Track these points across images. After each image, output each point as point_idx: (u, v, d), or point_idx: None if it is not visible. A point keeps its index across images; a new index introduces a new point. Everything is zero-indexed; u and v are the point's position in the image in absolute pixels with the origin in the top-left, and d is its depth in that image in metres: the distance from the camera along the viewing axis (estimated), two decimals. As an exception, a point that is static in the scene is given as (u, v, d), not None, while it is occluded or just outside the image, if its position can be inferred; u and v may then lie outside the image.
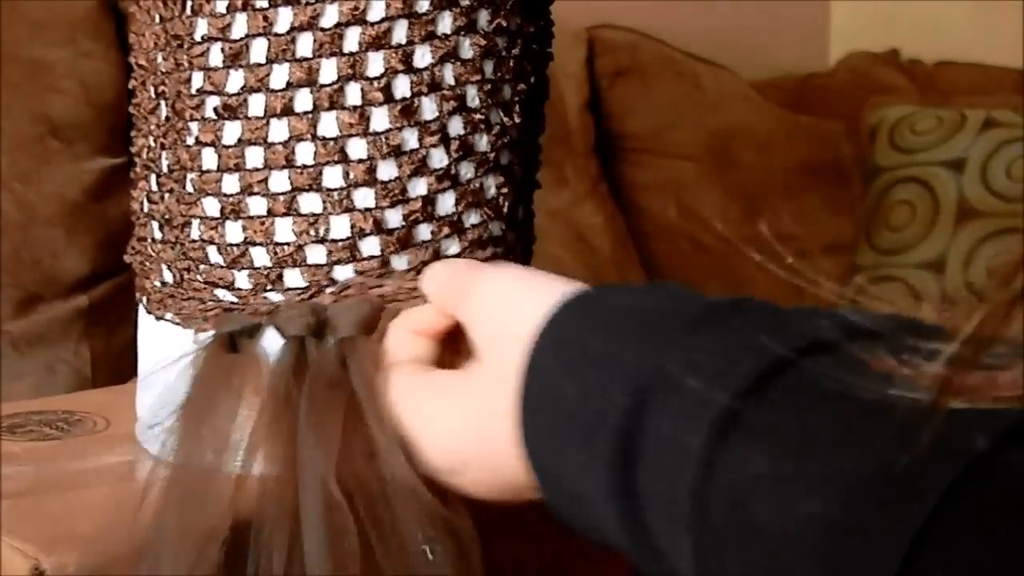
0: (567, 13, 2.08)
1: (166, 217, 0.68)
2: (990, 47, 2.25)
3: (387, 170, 0.65)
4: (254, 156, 0.66)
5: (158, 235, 0.70)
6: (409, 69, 0.65)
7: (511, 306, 0.58)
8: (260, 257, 0.66)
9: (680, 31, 2.12)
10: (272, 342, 0.65)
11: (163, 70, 0.68)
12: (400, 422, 0.60)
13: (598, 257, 1.85)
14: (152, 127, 0.69)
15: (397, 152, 0.65)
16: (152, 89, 0.69)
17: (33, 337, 1.40)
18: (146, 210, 0.70)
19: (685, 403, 0.49)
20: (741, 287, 2.00)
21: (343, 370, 0.63)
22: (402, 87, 0.65)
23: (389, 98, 0.65)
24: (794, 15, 2.44)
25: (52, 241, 1.43)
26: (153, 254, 0.70)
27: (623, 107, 2.00)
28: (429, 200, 0.66)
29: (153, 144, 0.69)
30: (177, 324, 0.68)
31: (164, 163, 0.68)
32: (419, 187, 0.66)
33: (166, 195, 0.68)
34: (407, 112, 0.65)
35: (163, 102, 0.68)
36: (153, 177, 0.70)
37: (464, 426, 0.58)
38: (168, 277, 0.69)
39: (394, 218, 0.66)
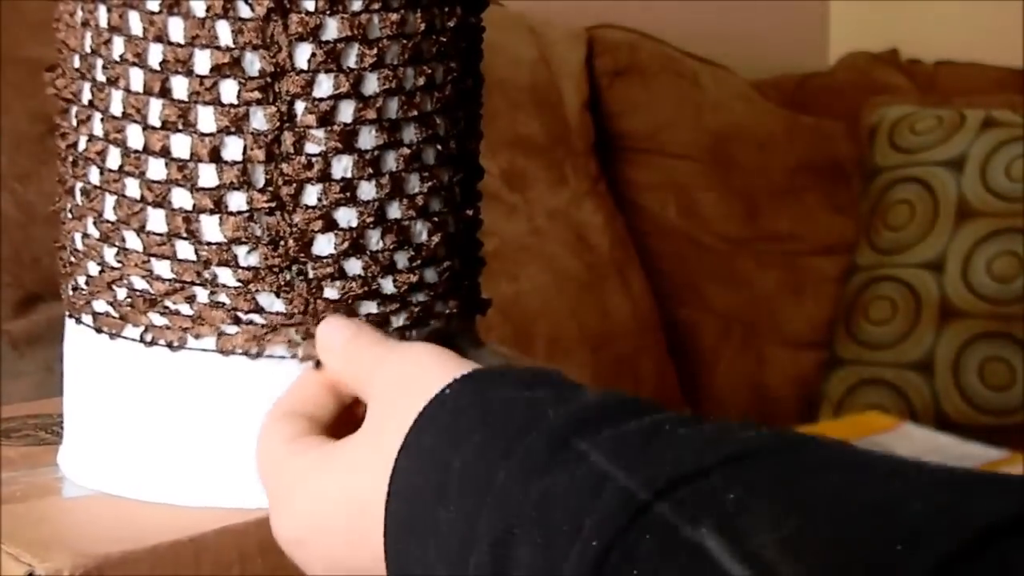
0: (567, 13, 2.10)
1: (271, 237, 0.65)
2: (990, 47, 2.25)
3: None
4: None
5: (252, 260, 0.64)
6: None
7: (409, 383, 0.56)
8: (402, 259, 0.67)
9: (680, 31, 2.12)
10: None
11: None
12: (266, 480, 0.59)
13: (597, 256, 1.85)
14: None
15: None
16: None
17: (33, 337, 1.39)
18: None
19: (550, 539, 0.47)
20: (740, 287, 2.00)
21: None
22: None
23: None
24: (794, 15, 2.44)
25: (52, 241, 1.43)
26: (201, 276, 0.65)
27: (623, 107, 2.00)
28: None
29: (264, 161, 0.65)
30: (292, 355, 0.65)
31: (260, 178, 0.64)
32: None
33: (265, 217, 0.65)
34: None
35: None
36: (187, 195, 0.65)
37: (333, 490, 0.56)
38: (275, 305, 0.65)
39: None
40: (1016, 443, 1.71)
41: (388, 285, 0.66)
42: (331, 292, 0.65)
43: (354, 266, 0.65)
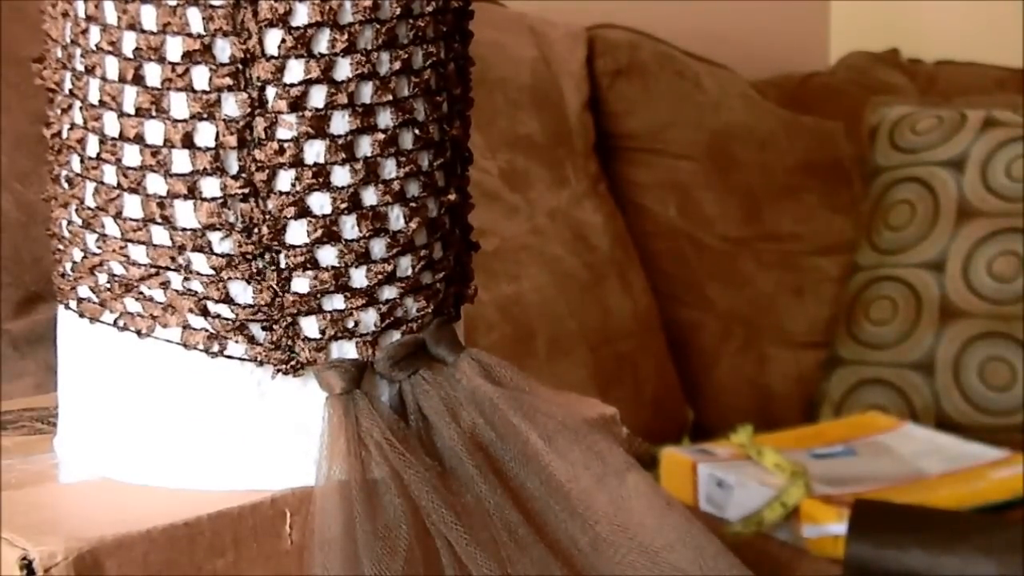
0: (567, 13, 2.10)
1: (247, 226, 0.65)
2: (990, 47, 2.25)
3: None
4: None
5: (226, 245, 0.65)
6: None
7: None
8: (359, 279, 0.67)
9: (680, 31, 2.12)
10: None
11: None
12: None
13: (598, 256, 1.85)
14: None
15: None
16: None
17: (33, 337, 1.40)
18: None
19: None
20: (741, 287, 2.00)
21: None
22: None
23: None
24: (794, 15, 2.45)
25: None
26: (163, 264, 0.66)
27: (623, 107, 2.00)
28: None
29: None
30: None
31: (233, 164, 0.65)
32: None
33: (239, 204, 0.65)
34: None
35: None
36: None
37: None
38: (245, 296, 0.65)
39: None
40: (1016, 443, 1.71)
41: (360, 277, 0.66)
42: (301, 283, 0.65)
43: (328, 255, 0.65)
